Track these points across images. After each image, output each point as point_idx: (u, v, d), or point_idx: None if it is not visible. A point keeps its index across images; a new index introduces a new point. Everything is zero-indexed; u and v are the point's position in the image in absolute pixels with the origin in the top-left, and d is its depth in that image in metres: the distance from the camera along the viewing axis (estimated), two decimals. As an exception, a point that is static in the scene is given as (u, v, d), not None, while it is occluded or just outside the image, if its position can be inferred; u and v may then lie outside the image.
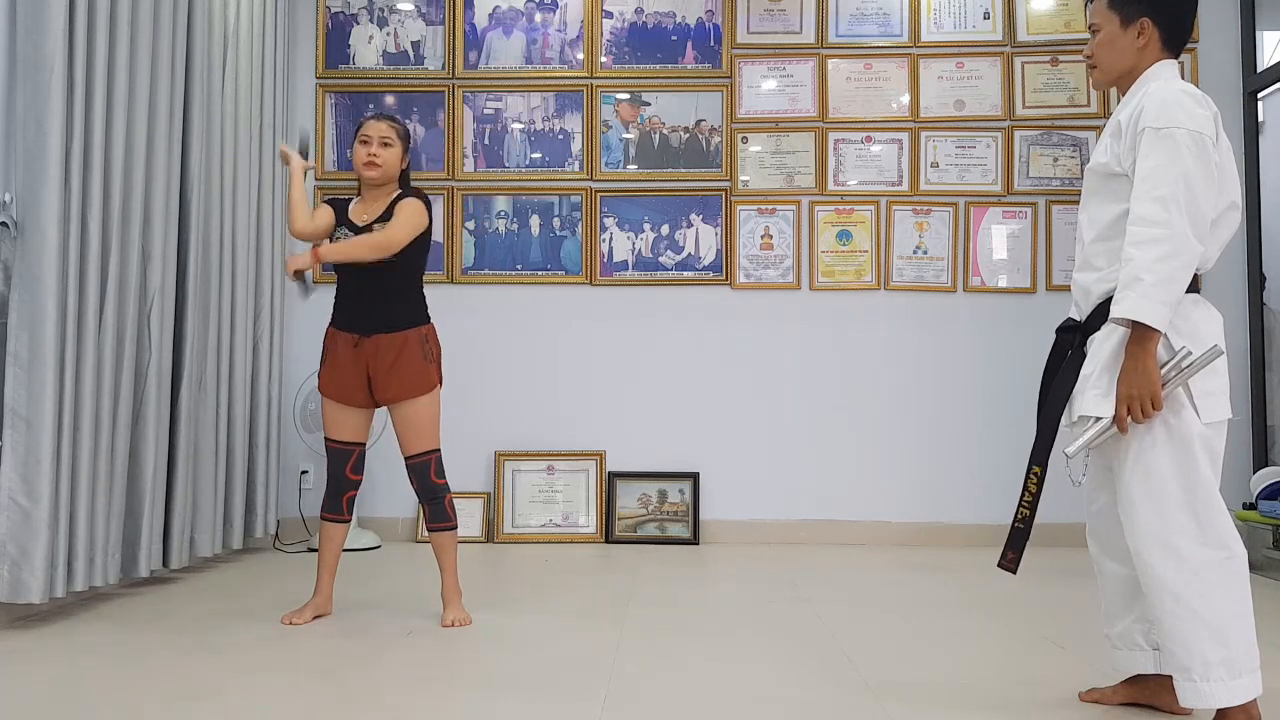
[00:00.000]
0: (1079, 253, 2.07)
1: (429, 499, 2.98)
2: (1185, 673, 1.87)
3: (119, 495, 3.15)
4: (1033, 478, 2.03)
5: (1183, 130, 1.85)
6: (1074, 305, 2.10)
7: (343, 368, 2.93)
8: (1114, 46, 2.04)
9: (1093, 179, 2.05)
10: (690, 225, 4.62)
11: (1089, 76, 2.15)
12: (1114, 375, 1.89)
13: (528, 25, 4.68)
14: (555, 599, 3.33)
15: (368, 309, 2.92)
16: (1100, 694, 2.20)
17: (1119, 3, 2.03)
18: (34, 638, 2.75)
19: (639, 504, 4.50)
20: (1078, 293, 2.07)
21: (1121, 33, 2.03)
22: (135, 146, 3.22)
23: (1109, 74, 2.07)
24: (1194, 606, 1.85)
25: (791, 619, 3.04)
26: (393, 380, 2.90)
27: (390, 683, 2.36)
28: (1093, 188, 2.04)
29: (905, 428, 4.48)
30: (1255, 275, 4.46)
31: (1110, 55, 2.05)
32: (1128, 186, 1.92)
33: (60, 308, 2.83)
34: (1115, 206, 1.97)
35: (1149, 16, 2.00)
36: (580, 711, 2.14)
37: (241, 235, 3.97)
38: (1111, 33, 2.04)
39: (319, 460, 4.27)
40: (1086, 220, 2.05)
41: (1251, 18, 4.52)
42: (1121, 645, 2.12)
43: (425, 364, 2.95)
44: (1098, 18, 2.06)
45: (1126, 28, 2.02)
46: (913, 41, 4.63)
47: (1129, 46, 2.02)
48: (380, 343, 2.91)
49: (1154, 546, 1.88)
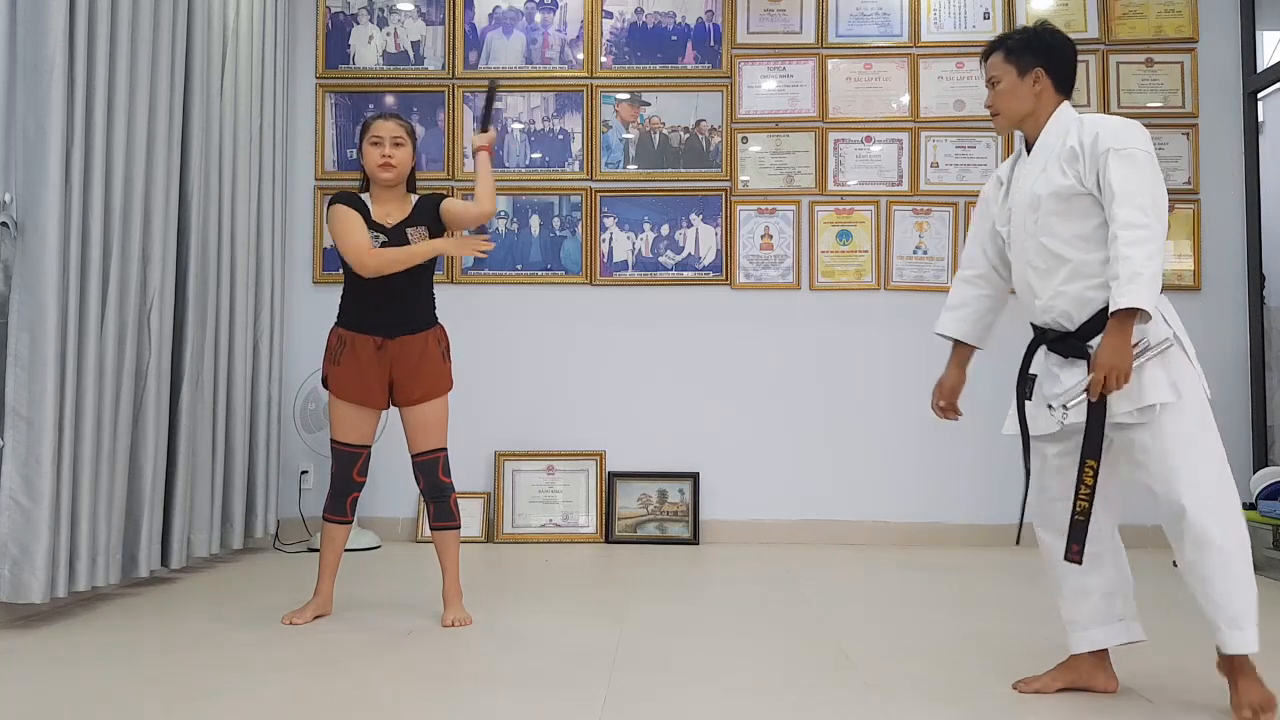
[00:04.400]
0: (1057, 268, 2.21)
1: (435, 497, 2.98)
2: (1234, 622, 2.05)
3: (119, 495, 3.15)
4: (1089, 471, 2.14)
5: (1141, 151, 2.13)
6: (1061, 316, 2.23)
7: (364, 370, 2.91)
8: (1014, 94, 2.30)
9: (1053, 203, 2.20)
10: (690, 225, 4.62)
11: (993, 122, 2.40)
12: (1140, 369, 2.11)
13: (528, 25, 4.68)
14: (555, 599, 3.33)
15: (391, 311, 2.91)
16: (1039, 683, 2.32)
17: (1015, 56, 2.30)
18: (34, 638, 2.75)
19: (639, 504, 4.50)
20: (1067, 302, 2.21)
21: (1020, 81, 2.29)
22: (135, 146, 3.23)
23: (1011, 119, 2.32)
24: (1242, 562, 2.09)
25: (791, 619, 3.05)
26: (418, 381, 2.92)
27: (390, 682, 2.36)
28: (1054, 209, 2.20)
29: (905, 428, 4.48)
30: (1255, 275, 4.46)
31: (1012, 102, 2.31)
32: (1091, 203, 2.16)
33: (60, 308, 2.83)
34: (1089, 221, 2.17)
35: (1042, 66, 2.28)
36: (580, 711, 2.14)
37: (241, 235, 3.97)
38: (1011, 82, 2.30)
39: (319, 460, 4.28)
40: (1059, 241, 2.20)
41: (1251, 18, 4.52)
42: (1090, 624, 2.28)
43: (445, 363, 2.98)
44: (996, 70, 2.32)
45: (1024, 76, 2.29)
46: (913, 41, 4.64)
47: (1027, 93, 2.29)
48: (406, 344, 2.91)
49: (1200, 503, 2.08)
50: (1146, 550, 4.28)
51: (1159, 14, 4.59)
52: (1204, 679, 2.29)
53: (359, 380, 2.92)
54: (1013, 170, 2.36)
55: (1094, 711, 2.20)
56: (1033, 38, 2.33)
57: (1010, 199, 2.33)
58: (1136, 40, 4.60)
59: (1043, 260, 2.24)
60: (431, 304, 3.02)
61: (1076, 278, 2.19)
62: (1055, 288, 2.22)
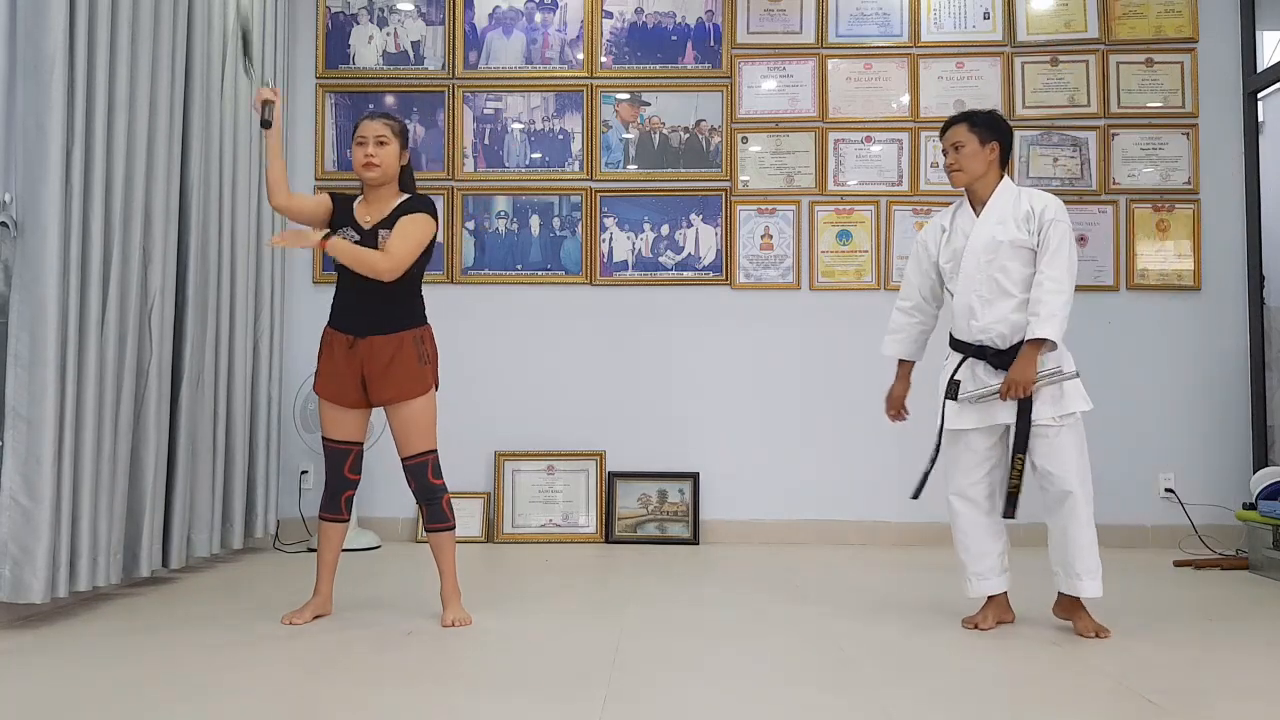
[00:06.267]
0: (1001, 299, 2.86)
1: (426, 500, 2.97)
2: (1092, 573, 2.79)
3: (120, 495, 3.15)
4: (1019, 460, 2.84)
5: (1065, 224, 2.86)
6: (997, 337, 2.86)
7: (338, 368, 2.93)
8: (976, 158, 2.93)
9: (1010, 249, 2.85)
10: (690, 225, 4.62)
11: (951, 180, 2.99)
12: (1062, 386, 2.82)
13: (528, 25, 4.68)
14: (555, 599, 3.33)
15: (364, 310, 2.91)
16: (977, 619, 2.92)
17: (978, 129, 2.93)
18: (35, 637, 2.75)
19: (639, 504, 4.50)
20: (1006, 327, 2.84)
21: (980, 149, 2.92)
22: (136, 146, 3.23)
23: (970, 176, 2.94)
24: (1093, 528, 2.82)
25: (791, 619, 3.05)
26: (388, 382, 2.90)
27: (390, 683, 2.36)
28: (1009, 255, 2.86)
29: (905, 427, 4.46)
30: (1255, 275, 4.46)
31: (973, 164, 2.93)
32: (1031, 255, 2.85)
33: (61, 308, 2.83)
34: (1030, 269, 2.85)
35: (997, 141, 2.94)
36: (580, 711, 2.14)
37: (241, 235, 3.97)
38: (974, 148, 2.92)
39: (319, 460, 4.26)
40: (1010, 280, 2.85)
41: (1251, 18, 4.52)
42: (989, 574, 2.93)
43: (420, 366, 2.94)
44: (960, 136, 2.94)
45: (984, 146, 2.93)
46: (913, 41, 4.64)
47: (984, 159, 2.93)
48: (375, 344, 2.90)
49: (1081, 489, 2.80)
50: (1147, 551, 4.30)
51: (1159, 14, 4.59)
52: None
53: (334, 378, 2.94)
54: (953, 219, 2.99)
55: (1094, 710, 2.20)
56: (994, 119, 2.97)
57: (954, 241, 2.95)
58: (1136, 40, 4.60)
59: (989, 291, 2.86)
60: (415, 306, 2.98)
61: (1021, 310, 2.83)
62: (998, 314, 2.85)
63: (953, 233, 2.98)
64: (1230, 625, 3.04)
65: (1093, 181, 4.56)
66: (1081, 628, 2.82)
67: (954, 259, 2.94)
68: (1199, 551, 4.16)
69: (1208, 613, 3.19)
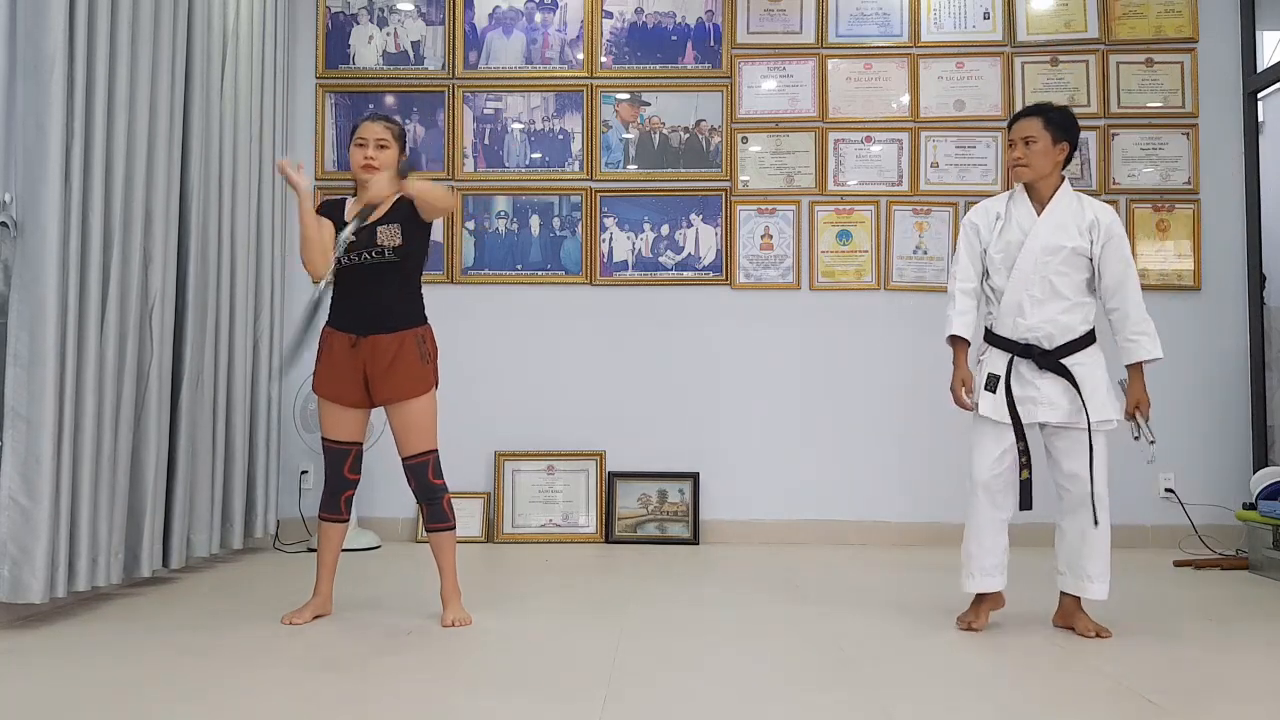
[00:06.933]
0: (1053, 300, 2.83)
1: (427, 499, 2.97)
2: (1104, 576, 2.81)
3: (121, 495, 3.15)
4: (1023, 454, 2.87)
5: (1125, 237, 2.88)
6: (1044, 336, 2.83)
7: (339, 367, 2.93)
8: (1045, 156, 2.86)
9: (1071, 255, 2.83)
10: (690, 225, 4.62)
11: (1012, 173, 2.93)
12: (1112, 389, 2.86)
13: (528, 25, 4.68)
14: (555, 599, 3.33)
15: (366, 309, 2.91)
16: (971, 617, 2.90)
17: (1052, 127, 2.86)
18: (35, 638, 2.75)
19: (639, 504, 4.50)
20: (1054, 327, 2.82)
21: (1052, 147, 2.86)
22: (136, 146, 3.23)
23: (1037, 173, 2.87)
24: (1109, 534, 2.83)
25: (791, 619, 3.04)
26: (390, 381, 2.90)
27: (390, 683, 2.36)
28: (1068, 259, 2.83)
29: (905, 428, 4.48)
30: (1255, 275, 4.46)
31: (1041, 161, 2.86)
32: (1088, 263, 2.85)
33: (60, 308, 2.83)
34: (1085, 275, 2.85)
35: (1067, 142, 2.89)
36: (580, 711, 2.14)
37: (241, 235, 3.97)
38: (1045, 145, 2.85)
39: (319, 460, 4.25)
40: (1064, 283, 2.83)
41: (1251, 18, 4.52)
42: (993, 571, 2.87)
43: (422, 365, 2.94)
44: (1034, 131, 2.86)
45: (1055, 145, 2.86)
46: (913, 41, 4.64)
47: (1053, 159, 2.87)
48: (377, 343, 2.90)
49: (1106, 495, 2.82)
50: (1147, 551, 4.30)
51: (1159, 14, 4.59)
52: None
53: (335, 377, 2.93)
54: (1009, 208, 2.91)
55: (1094, 710, 2.20)
56: (1069, 119, 2.90)
57: (1009, 233, 2.87)
58: (1136, 40, 4.60)
59: (1041, 292, 2.82)
60: (416, 304, 2.99)
61: (1072, 312, 2.83)
62: (1048, 315, 2.82)
63: (1008, 224, 2.89)
64: (1230, 625, 3.04)
65: (1093, 181, 4.56)
66: (1082, 628, 2.82)
67: (1006, 252, 2.87)
68: (1199, 551, 4.16)
69: (1208, 613, 3.19)
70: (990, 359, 2.92)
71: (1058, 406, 2.80)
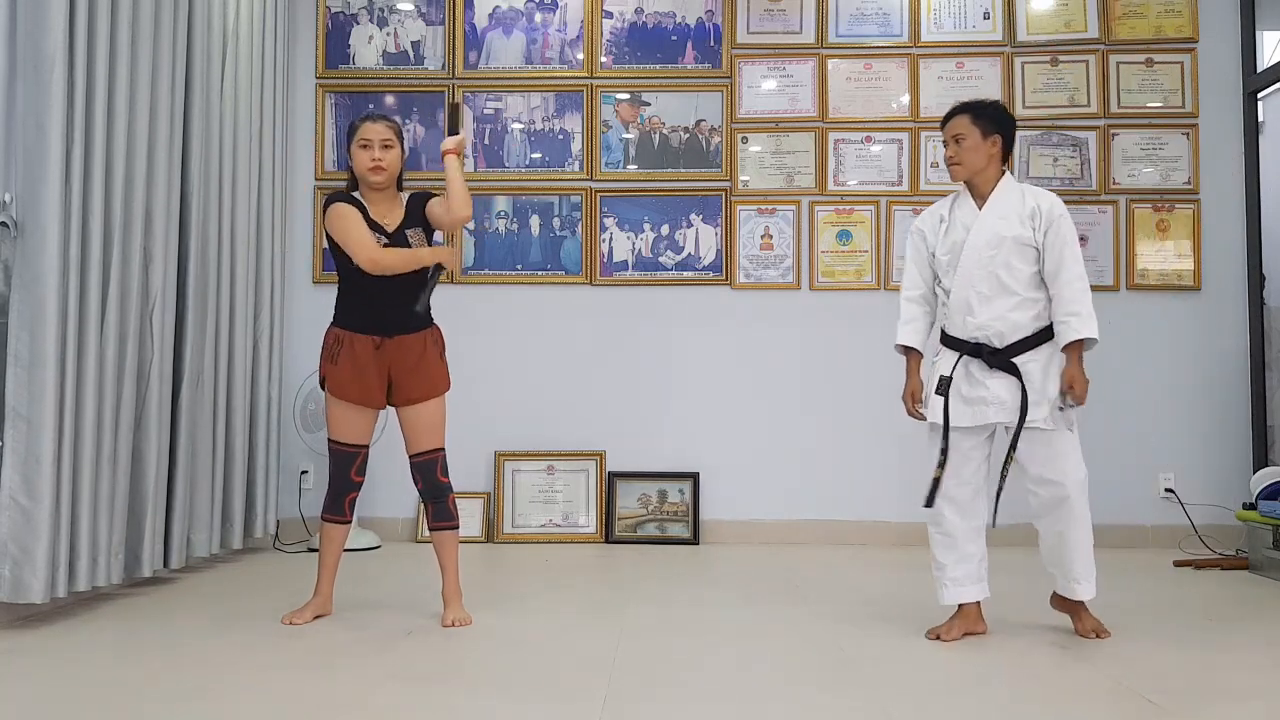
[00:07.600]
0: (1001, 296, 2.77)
1: (433, 497, 2.97)
2: (1088, 576, 2.78)
3: (121, 495, 3.15)
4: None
5: (1070, 221, 2.79)
6: (994, 335, 2.77)
7: (363, 370, 2.91)
8: (976, 151, 2.82)
9: (1013, 246, 2.77)
10: (690, 225, 4.62)
11: (950, 174, 2.89)
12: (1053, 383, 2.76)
13: (528, 25, 4.68)
14: (555, 599, 3.33)
15: (390, 310, 2.91)
16: (941, 630, 2.80)
17: (981, 121, 2.83)
18: (35, 638, 2.75)
19: (639, 504, 4.50)
20: (1004, 325, 2.76)
21: (982, 142, 2.82)
22: (136, 146, 3.23)
23: (970, 170, 2.84)
24: (1089, 531, 2.79)
25: (791, 619, 3.04)
26: (417, 381, 2.92)
27: (390, 683, 2.36)
28: (1014, 252, 2.77)
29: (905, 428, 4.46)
30: (1255, 275, 4.46)
31: (973, 157, 2.82)
32: (1034, 253, 2.78)
33: (61, 308, 2.83)
34: (1033, 267, 2.78)
35: (999, 134, 2.84)
36: (580, 711, 2.14)
37: (241, 235, 3.97)
38: (975, 141, 2.82)
39: (319, 460, 4.28)
40: (1010, 276, 2.77)
41: (1251, 18, 4.52)
42: (967, 581, 2.82)
43: (442, 363, 2.99)
44: (962, 128, 2.83)
45: (985, 139, 2.82)
46: (913, 41, 4.64)
47: (986, 153, 2.82)
48: (403, 343, 2.91)
49: (1078, 493, 2.74)
50: (1147, 551, 4.30)
51: (1159, 14, 4.59)
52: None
53: (358, 380, 2.91)
54: (952, 210, 2.89)
55: (1094, 710, 2.20)
56: (998, 112, 2.86)
57: (953, 233, 2.85)
58: (1136, 40, 4.60)
59: (988, 288, 2.78)
60: (428, 306, 3.01)
61: (1022, 309, 2.77)
62: (997, 312, 2.77)
63: (952, 225, 2.87)
64: (1230, 625, 3.04)
65: (1093, 181, 4.56)
66: (1081, 628, 2.82)
67: (952, 252, 2.83)
68: (1199, 551, 4.16)
69: (1208, 613, 3.19)
70: (942, 360, 2.88)
71: (1008, 406, 2.74)
